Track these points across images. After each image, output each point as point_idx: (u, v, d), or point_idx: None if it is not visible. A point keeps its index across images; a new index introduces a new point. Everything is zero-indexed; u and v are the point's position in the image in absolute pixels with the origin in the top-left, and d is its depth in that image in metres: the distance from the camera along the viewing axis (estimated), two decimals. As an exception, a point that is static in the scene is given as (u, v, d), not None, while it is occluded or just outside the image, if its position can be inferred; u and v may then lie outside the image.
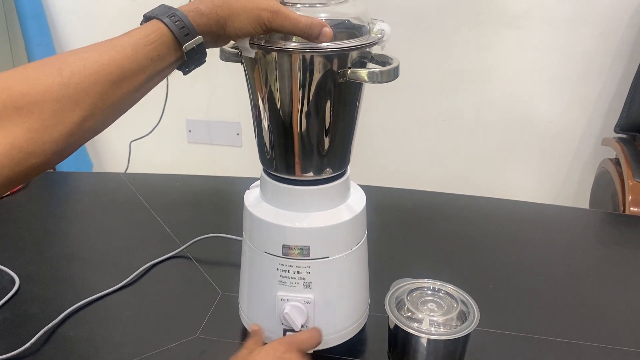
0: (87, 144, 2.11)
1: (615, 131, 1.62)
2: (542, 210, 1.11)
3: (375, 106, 1.82)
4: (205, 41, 0.53)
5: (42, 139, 0.45)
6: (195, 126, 2.14)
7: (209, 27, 0.53)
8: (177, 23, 0.51)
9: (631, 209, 1.32)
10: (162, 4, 0.53)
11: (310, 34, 0.53)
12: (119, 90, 0.49)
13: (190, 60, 0.53)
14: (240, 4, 0.53)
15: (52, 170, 1.65)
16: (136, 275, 0.85)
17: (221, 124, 2.11)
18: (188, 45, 0.51)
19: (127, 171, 2.11)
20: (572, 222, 1.08)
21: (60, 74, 0.46)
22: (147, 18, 0.52)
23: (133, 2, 1.89)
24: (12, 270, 0.85)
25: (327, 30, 0.53)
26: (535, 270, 0.90)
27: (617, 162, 1.53)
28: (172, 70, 0.54)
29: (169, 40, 0.51)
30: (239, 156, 2.15)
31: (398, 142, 1.99)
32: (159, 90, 0.55)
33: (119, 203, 1.09)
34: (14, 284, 0.83)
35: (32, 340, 0.71)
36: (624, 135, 1.62)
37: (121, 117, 0.52)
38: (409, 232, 1.01)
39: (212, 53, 0.56)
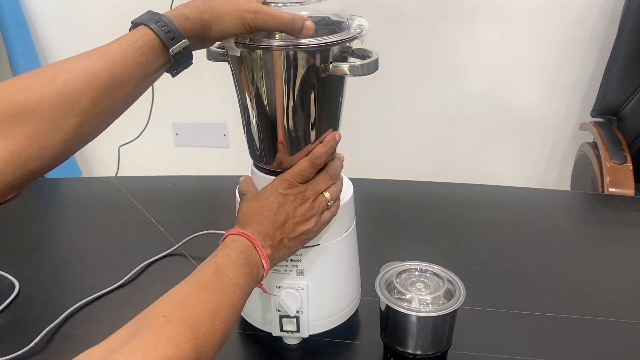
0: (75, 152, 2.10)
1: (592, 115, 1.67)
2: (525, 194, 1.15)
3: (358, 101, 1.85)
4: (192, 44, 0.56)
5: (40, 144, 0.48)
6: (182, 129, 2.16)
7: (194, 31, 0.55)
8: (163, 28, 0.53)
9: (609, 189, 1.37)
10: (149, 11, 0.56)
11: (293, 28, 0.56)
12: (111, 95, 0.52)
13: (177, 63, 0.56)
14: (223, 7, 0.55)
15: (42, 178, 1.66)
16: (134, 273, 0.88)
17: (207, 125, 2.12)
18: (175, 48, 0.54)
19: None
20: (554, 204, 1.12)
21: (55, 82, 0.49)
22: (134, 25, 0.55)
23: (115, 8, 1.90)
24: (12, 275, 0.87)
25: (309, 23, 0.56)
26: (520, 250, 0.93)
27: (595, 146, 1.58)
28: (161, 73, 0.57)
29: (156, 45, 0.53)
30: (226, 157, 2.16)
31: (382, 136, 2.02)
32: (145, 95, 0.57)
33: (111, 205, 1.11)
34: (13, 288, 0.85)
35: (36, 340, 0.73)
36: (601, 119, 1.67)
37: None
38: (396, 221, 1.04)
39: (196, 58, 0.58)
